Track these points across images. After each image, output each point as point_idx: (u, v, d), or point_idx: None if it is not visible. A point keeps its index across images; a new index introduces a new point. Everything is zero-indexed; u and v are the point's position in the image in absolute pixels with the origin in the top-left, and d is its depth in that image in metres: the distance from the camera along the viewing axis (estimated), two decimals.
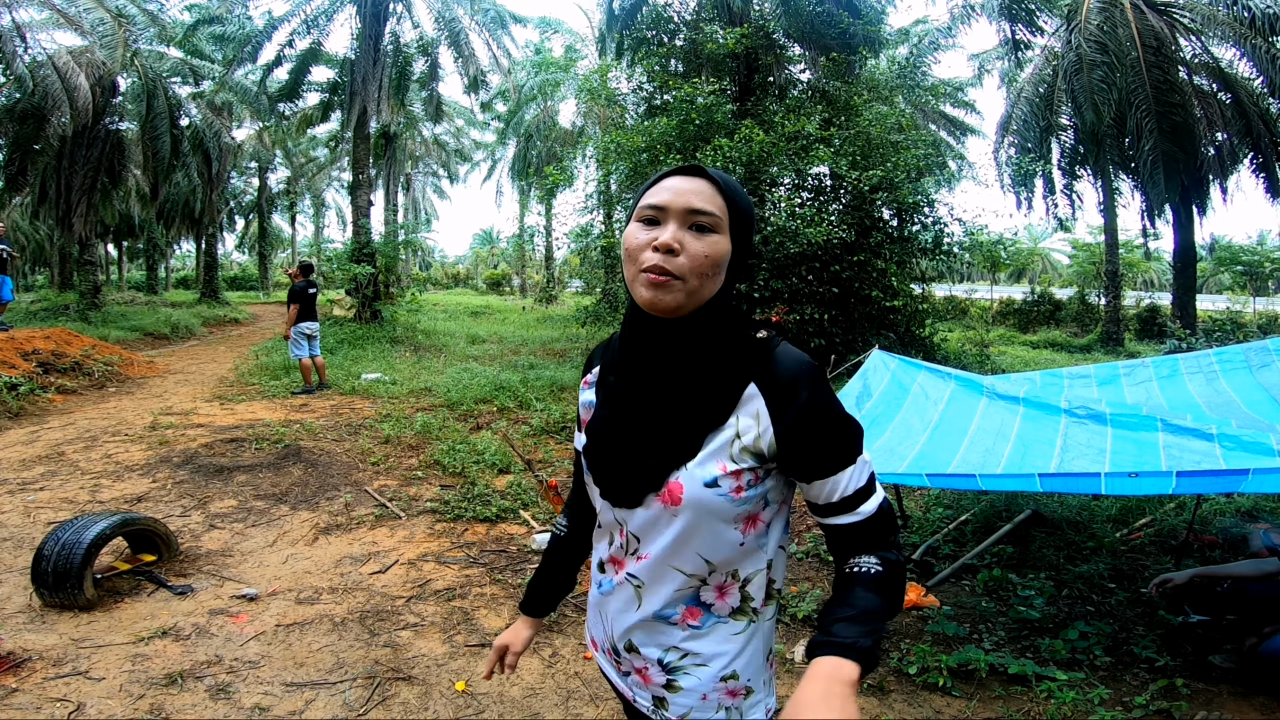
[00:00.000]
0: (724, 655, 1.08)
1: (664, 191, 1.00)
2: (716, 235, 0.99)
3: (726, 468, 0.99)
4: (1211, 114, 15.84)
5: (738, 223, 1.01)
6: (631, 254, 1.00)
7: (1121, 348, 17.54)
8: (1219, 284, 41.71)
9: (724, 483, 0.99)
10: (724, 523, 1.01)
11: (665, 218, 0.99)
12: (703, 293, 0.99)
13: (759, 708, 1.11)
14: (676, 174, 1.01)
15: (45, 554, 3.27)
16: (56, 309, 16.68)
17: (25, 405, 7.63)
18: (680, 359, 1.02)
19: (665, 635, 1.09)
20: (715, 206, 0.98)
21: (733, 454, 0.99)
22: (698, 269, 0.97)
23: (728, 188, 1.00)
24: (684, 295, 0.97)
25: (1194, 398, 3.75)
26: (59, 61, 14.56)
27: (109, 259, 36.47)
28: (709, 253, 0.97)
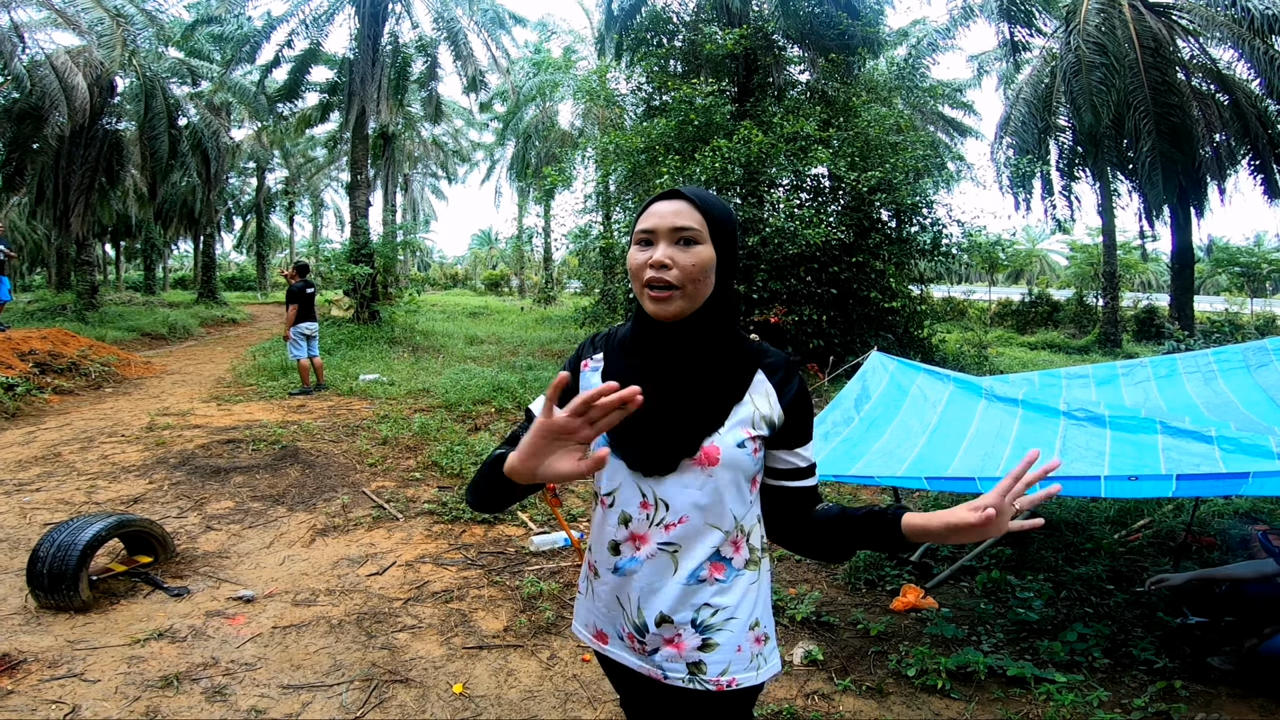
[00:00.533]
0: (747, 605, 1.24)
1: (651, 217, 1.18)
2: (700, 245, 1.16)
3: (750, 433, 1.20)
4: (1210, 115, 15.87)
5: (717, 230, 1.18)
6: (634, 273, 1.19)
7: (1119, 349, 17.56)
8: (1216, 285, 41.77)
9: (748, 445, 1.19)
10: (746, 479, 1.22)
11: (656, 239, 1.17)
12: (699, 296, 1.17)
13: (775, 653, 1.29)
14: (659, 199, 1.20)
15: (40, 555, 3.26)
16: (54, 309, 16.64)
17: (22, 406, 7.60)
18: (693, 352, 1.21)
19: (697, 595, 1.21)
20: (694, 221, 1.16)
21: (754, 422, 1.20)
22: (689, 277, 1.15)
23: (703, 202, 1.18)
24: (683, 302, 1.16)
25: (1192, 399, 3.75)
26: (57, 61, 14.53)
27: (106, 259, 36.37)
28: (695, 262, 1.15)
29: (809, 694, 2.84)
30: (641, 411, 1.09)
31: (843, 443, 3.56)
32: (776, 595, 3.61)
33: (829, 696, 2.82)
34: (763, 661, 1.26)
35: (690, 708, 1.24)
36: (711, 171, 10.25)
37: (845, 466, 3.27)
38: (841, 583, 3.94)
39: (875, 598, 3.74)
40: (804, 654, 3.09)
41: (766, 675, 1.26)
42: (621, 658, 1.30)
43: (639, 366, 1.24)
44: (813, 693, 2.85)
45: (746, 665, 1.23)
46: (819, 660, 3.05)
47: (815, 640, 3.23)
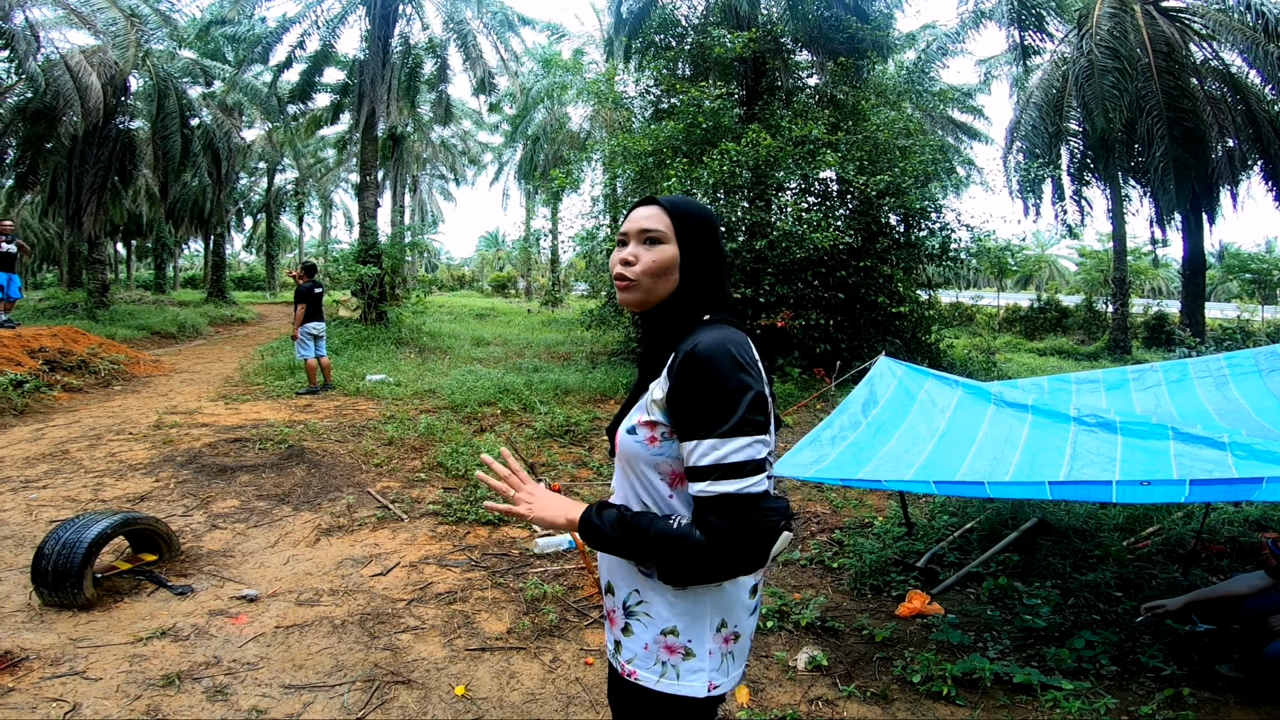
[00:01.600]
0: (666, 608, 1.22)
1: (627, 221, 1.29)
2: (663, 245, 1.25)
3: (642, 418, 1.21)
4: (1223, 120, 15.76)
5: (683, 231, 1.25)
6: (612, 269, 1.30)
7: (1129, 355, 17.44)
8: (1227, 292, 41.45)
9: (640, 430, 1.20)
10: (648, 468, 1.21)
11: (628, 239, 1.28)
12: (657, 290, 1.25)
13: (699, 676, 1.21)
14: (637, 206, 1.31)
15: (46, 553, 3.27)
16: (64, 307, 16.77)
17: (31, 403, 7.65)
18: (652, 339, 1.29)
19: (631, 575, 1.26)
20: (661, 224, 1.25)
21: (646, 405, 1.20)
22: (647, 271, 1.24)
23: (672, 206, 1.26)
24: (641, 294, 1.25)
25: (1204, 404, 3.71)
26: (71, 61, 14.66)
27: (117, 258, 36.65)
28: (655, 259, 1.24)
29: (813, 699, 2.81)
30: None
31: (850, 447, 3.53)
32: (781, 600, 3.58)
33: (833, 702, 2.79)
34: (672, 673, 1.21)
35: (616, 684, 1.34)
36: (719, 175, 10.24)
37: (853, 470, 3.24)
38: (847, 588, 3.91)
39: (881, 603, 3.71)
40: (808, 659, 3.06)
41: (669, 688, 1.21)
42: None
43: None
44: (817, 698, 2.82)
45: (649, 666, 1.23)
46: (823, 666, 3.02)
47: (820, 645, 3.20)
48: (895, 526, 4.72)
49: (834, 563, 4.20)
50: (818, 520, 5.03)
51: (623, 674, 1.28)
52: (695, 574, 1.14)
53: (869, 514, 5.12)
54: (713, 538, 1.09)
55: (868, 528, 4.84)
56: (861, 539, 4.47)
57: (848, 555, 4.28)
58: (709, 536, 1.09)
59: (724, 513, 1.09)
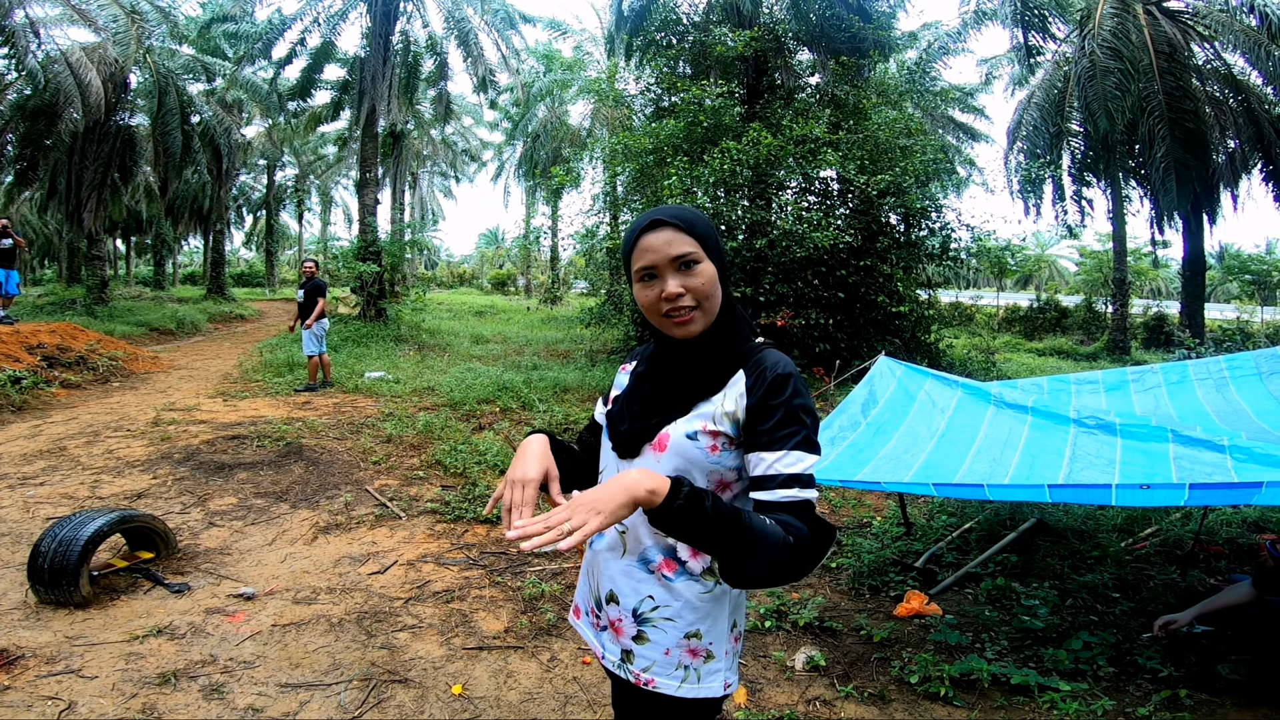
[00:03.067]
0: (691, 611, 1.22)
1: (647, 253, 1.21)
2: (701, 264, 1.21)
3: (707, 426, 1.20)
4: (1224, 121, 15.76)
5: (708, 246, 1.22)
6: (650, 309, 1.23)
7: (1128, 356, 17.43)
8: (1226, 293, 41.46)
9: (702, 438, 1.20)
10: (700, 473, 1.20)
11: (659, 272, 1.20)
12: (713, 310, 1.23)
13: (717, 676, 1.23)
14: (646, 232, 1.22)
15: (42, 550, 3.26)
16: (63, 303, 16.76)
17: (29, 399, 7.64)
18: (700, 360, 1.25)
19: (643, 582, 1.24)
20: (689, 245, 1.20)
21: (714, 416, 1.20)
22: (702, 295, 1.20)
23: (688, 224, 1.21)
24: (703, 320, 1.22)
25: (1204, 407, 3.70)
26: (72, 58, 14.65)
27: (117, 254, 36.62)
28: (704, 281, 1.20)
29: (810, 700, 2.81)
30: (633, 399, 1.32)
31: (849, 448, 3.53)
32: (779, 600, 3.58)
33: (830, 703, 2.79)
34: (693, 676, 1.22)
35: (626, 695, 1.31)
36: (720, 173, 10.23)
37: (851, 471, 3.23)
38: (845, 588, 3.91)
39: (879, 604, 3.71)
40: (806, 659, 3.06)
41: (690, 692, 1.22)
42: (582, 630, 1.39)
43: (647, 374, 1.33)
44: (814, 698, 2.82)
45: (669, 672, 1.22)
46: (821, 666, 3.02)
47: (818, 646, 3.20)
48: (894, 526, 4.72)
49: (832, 563, 4.20)
50: None
51: (638, 683, 1.25)
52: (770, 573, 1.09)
53: (867, 514, 5.12)
54: (800, 540, 1.09)
55: (866, 528, 4.84)
56: (860, 539, 4.47)
57: (846, 555, 4.28)
58: (797, 539, 1.09)
59: (807, 518, 1.11)
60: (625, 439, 1.28)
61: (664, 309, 1.20)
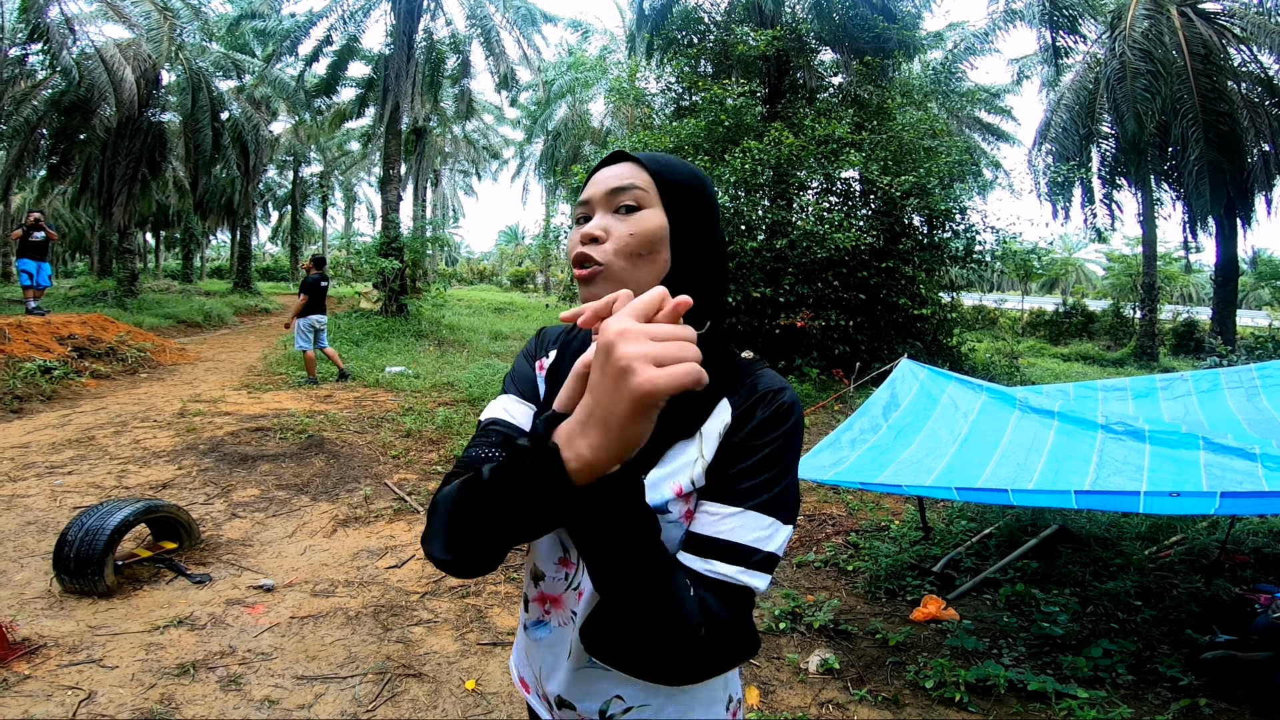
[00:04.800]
0: (674, 704, 0.92)
1: (590, 187, 0.91)
2: (644, 210, 0.87)
3: (682, 489, 0.83)
4: (1259, 124, 15.39)
5: (670, 192, 0.88)
6: (571, 258, 0.89)
7: (1156, 363, 17.10)
8: (1258, 299, 40.54)
9: (674, 507, 0.83)
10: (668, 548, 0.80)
11: (592, 211, 0.90)
12: (639, 277, 0.85)
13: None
14: (602, 164, 0.93)
15: (69, 539, 3.31)
16: (94, 295, 17.07)
17: (59, 389, 7.80)
18: None
19: (602, 681, 0.92)
20: (638, 180, 0.88)
21: (693, 476, 0.83)
22: (624, 249, 0.85)
23: (655, 165, 0.89)
24: (613, 284, 0.85)
25: (1234, 414, 3.62)
26: (106, 54, 14.93)
27: (146, 248, 37.32)
28: (634, 230, 0.85)
29: (823, 702, 2.78)
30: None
31: (870, 450, 3.49)
32: (794, 602, 3.55)
33: (844, 706, 2.76)
34: None
35: None
36: (741, 173, 10.19)
37: (872, 474, 3.20)
38: (861, 591, 3.87)
39: (895, 607, 3.67)
40: (820, 662, 3.03)
41: None
42: (537, 708, 1.03)
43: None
44: (827, 701, 2.79)
45: None
46: (835, 669, 3.00)
47: (832, 649, 3.17)
48: (912, 530, 4.67)
49: (849, 565, 4.16)
50: (833, 523, 4.99)
51: None
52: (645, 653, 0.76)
53: (886, 517, 5.07)
54: (713, 628, 0.77)
55: (884, 531, 4.79)
56: (878, 542, 4.42)
57: (863, 558, 4.24)
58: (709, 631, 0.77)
59: (735, 607, 0.79)
60: None
61: (574, 253, 0.88)
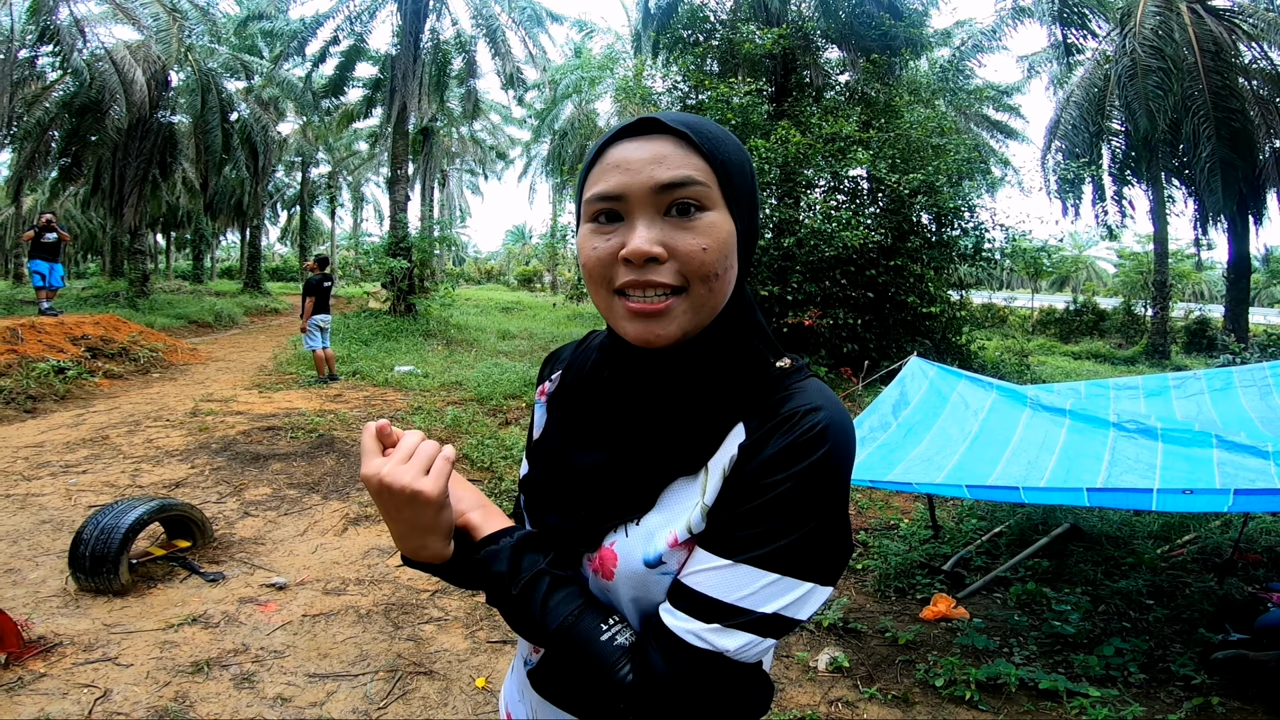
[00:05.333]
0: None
1: (615, 172, 0.68)
2: (711, 214, 0.67)
3: (678, 539, 0.69)
4: (1270, 120, 15.26)
5: (732, 188, 0.68)
6: (595, 275, 0.69)
7: (1168, 361, 16.98)
8: (1271, 296, 40.23)
9: (670, 559, 0.69)
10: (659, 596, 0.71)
11: (627, 209, 0.68)
12: (713, 301, 0.69)
13: None
14: (624, 138, 0.69)
15: (84, 538, 3.35)
16: (106, 296, 17.22)
17: (72, 389, 7.87)
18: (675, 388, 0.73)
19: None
20: (693, 169, 0.66)
21: (690, 522, 0.69)
22: (699, 272, 0.66)
23: (701, 137, 0.67)
24: (689, 318, 0.68)
25: (1247, 413, 3.60)
26: (117, 55, 15.03)
27: (157, 248, 37.57)
28: (708, 244, 0.66)
29: (833, 701, 2.78)
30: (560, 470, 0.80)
31: (879, 448, 3.49)
32: None
33: (853, 704, 2.76)
34: None
35: None
36: None
37: (882, 472, 3.20)
38: (871, 590, 3.87)
39: (905, 606, 3.66)
40: (829, 660, 3.03)
41: None
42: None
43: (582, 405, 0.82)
44: (836, 699, 2.79)
45: None
46: (844, 667, 2.99)
47: (841, 647, 3.17)
48: (922, 529, 4.66)
49: (858, 564, 4.16)
50: None
51: None
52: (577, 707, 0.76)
53: (895, 516, 5.06)
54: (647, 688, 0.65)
55: (893, 529, 4.78)
56: (887, 540, 4.42)
57: (872, 557, 4.23)
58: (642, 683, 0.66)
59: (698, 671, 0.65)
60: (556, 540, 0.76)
61: (620, 279, 0.68)
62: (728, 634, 0.64)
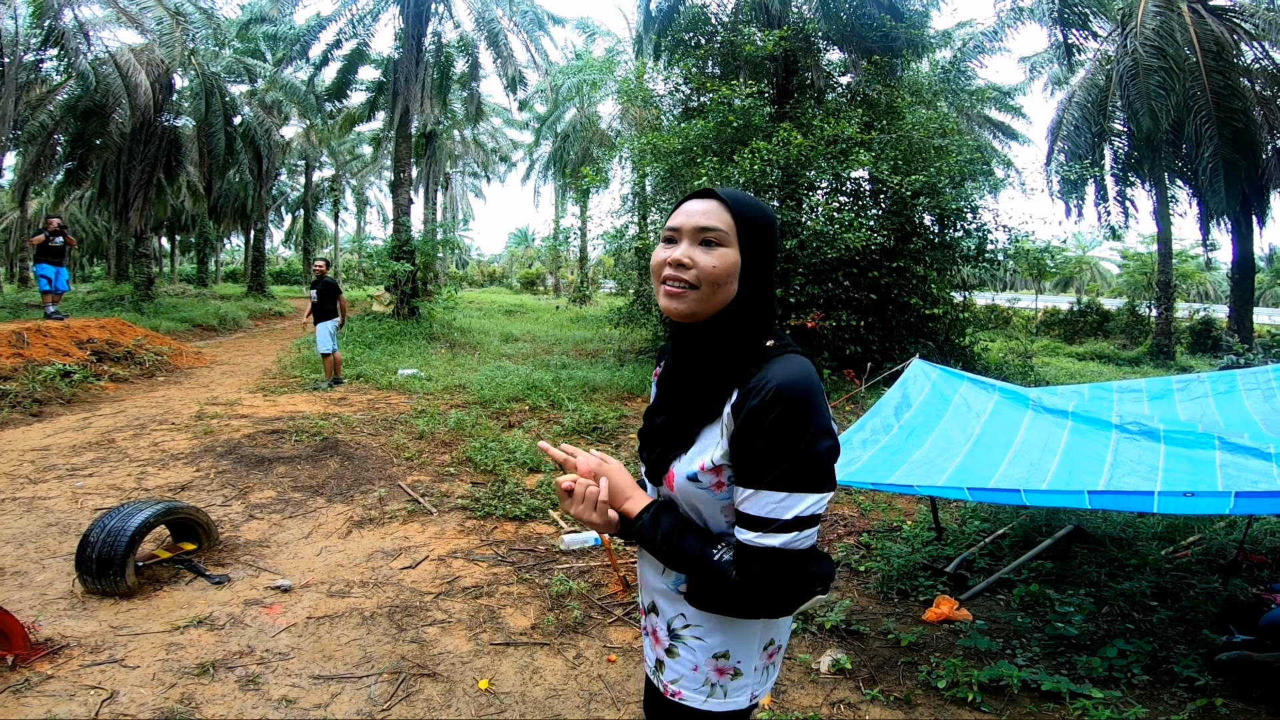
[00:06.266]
0: (720, 632, 1.19)
1: (679, 215, 1.15)
2: (724, 248, 1.11)
3: (705, 464, 1.10)
4: (1273, 120, 15.25)
5: (747, 233, 1.12)
6: (654, 270, 1.17)
7: (1173, 361, 16.93)
8: (1275, 296, 40.12)
9: (704, 478, 1.11)
10: (716, 512, 1.14)
11: (680, 237, 1.14)
12: (715, 300, 1.12)
13: (744, 692, 1.22)
14: (692, 198, 1.16)
15: (91, 540, 3.37)
16: (112, 299, 17.28)
17: (78, 392, 7.91)
18: (698, 359, 1.16)
19: (677, 602, 1.22)
20: (721, 222, 1.11)
21: (714, 456, 1.10)
22: (706, 278, 1.11)
23: (735, 203, 1.12)
24: (695, 303, 1.12)
25: (1251, 415, 3.60)
26: (121, 59, 15.10)
27: (162, 252, 37.69)
28: (716, 264, 1.11)
29: (835, 702, 2.79)
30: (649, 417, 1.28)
31: (881, 450, 3.49)
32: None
33: (855, 706, 2.77)
34: (720, 693, 1.21)
35: (655, 700, 1.31)
36: (749, 173, 10.18)
37: (884, 474, 3.20)
38: (873, 592, 3.87)
39: (907, 608, 3.66)
40: (832, 662, 3.04)
41: (717, 706, 1.21)
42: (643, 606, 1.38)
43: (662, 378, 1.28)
44: (839, 701, 2.80)
45: (697, 687, 1.22)
46: (847, 669, 3.00)
47: (844, 649, 3.17)
48: (925, 531, 4.66)
49: (861, 566, 4.16)
50: (845, 523, 4.98)
51: (665, 694, 1.25)
52: (718, 607, 1.14)
53: (898, 518, 5.06)
54: (747, 582, 1.06)
55: (896, 531, 4.78)
56: (890, 542, 4.42)
57: (875, 559, 4.23)
58: (744, 580, 1.06)
59: (766, 563, 1.05)
60: (648, 468, 1.26)
61: (664, 274, 1.14)
62: (770, 536, 1.04)
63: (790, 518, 1.03)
